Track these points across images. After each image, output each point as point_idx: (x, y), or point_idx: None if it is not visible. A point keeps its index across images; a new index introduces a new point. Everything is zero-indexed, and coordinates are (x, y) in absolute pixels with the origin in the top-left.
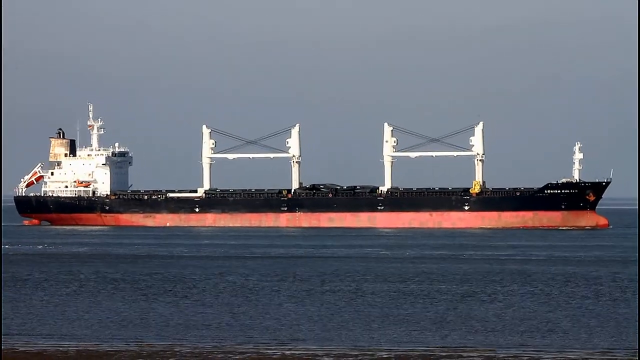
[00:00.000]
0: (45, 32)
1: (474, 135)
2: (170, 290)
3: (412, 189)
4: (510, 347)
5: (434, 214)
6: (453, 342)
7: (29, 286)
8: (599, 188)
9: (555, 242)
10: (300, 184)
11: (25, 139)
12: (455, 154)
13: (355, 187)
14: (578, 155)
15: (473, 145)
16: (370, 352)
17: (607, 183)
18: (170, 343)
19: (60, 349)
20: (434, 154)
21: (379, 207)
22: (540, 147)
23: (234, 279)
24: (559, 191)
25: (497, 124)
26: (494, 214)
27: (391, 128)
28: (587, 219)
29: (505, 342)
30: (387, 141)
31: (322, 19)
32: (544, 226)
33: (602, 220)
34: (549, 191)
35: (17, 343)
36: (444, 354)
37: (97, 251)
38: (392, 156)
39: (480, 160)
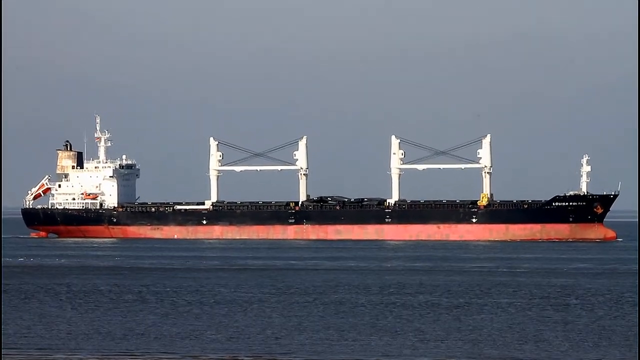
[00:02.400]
0: (51, 43)
1: (481, 148)
2: (168, 302)
3: (419, 201)
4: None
5: (442, 226)
6: (442, 354)
7: (22, 298)
8: (606, 201)
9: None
10: (308, 196)
11: (32, 151)
12: (462, 166)
13: (362, 199)
14: (586, 168)
15: (480, 158)
16: None
17: (615, 196)
18: (165, 355)
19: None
20: (441, 166)
21: (386, 220)
22: (548, 160)
23: (229, 290)
24: (566, 204)
25: (504, 136)
26: (502, 226)
27: (398, 140)
28: (595, 232)
29: (496, 354)
30: (394, 153)
31: (329, 32)
32: (551, 239)
33: (610, 233)
34: (556, 204)
35: (17, 355)
36: None
37: (89, 263)
38: (399, 168)
39: (487, 172)
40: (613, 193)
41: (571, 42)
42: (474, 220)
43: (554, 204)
